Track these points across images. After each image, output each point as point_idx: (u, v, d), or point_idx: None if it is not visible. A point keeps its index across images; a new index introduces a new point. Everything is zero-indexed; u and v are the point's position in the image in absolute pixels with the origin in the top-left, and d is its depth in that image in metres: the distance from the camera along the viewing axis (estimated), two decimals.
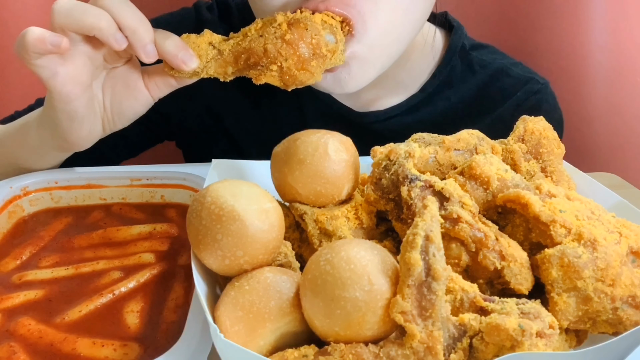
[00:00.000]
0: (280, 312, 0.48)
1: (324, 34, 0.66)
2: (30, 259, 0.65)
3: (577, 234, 0.50)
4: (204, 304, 0.48)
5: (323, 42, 0.65)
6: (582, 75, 1.22)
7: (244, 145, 1.02)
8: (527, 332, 0.43)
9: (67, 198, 0.75)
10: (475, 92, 0.97)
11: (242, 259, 0.50)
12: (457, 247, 0.52)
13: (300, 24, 0.64)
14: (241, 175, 0.72)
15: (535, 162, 0.63)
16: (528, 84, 0.97)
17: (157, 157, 1.19)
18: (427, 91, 0.96)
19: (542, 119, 0.65)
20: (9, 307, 0.58)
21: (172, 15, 1.03)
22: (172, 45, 0.65)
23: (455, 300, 0.48)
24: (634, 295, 0.49)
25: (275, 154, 0.61)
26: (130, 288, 0.61)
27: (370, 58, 0.77)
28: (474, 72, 0.98)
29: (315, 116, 0.97)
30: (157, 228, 0.70)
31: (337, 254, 0.46)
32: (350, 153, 0.60)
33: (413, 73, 0.97)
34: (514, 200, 0.53)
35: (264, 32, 0.65)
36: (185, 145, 1.11)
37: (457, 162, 0.60)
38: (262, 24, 0.66)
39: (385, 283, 0.45)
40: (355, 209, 0.60)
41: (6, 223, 0.71)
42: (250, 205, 0.51)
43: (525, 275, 0.51)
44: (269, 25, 0.65)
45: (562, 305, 0.49)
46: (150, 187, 0.76)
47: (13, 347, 0.53)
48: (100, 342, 0.54)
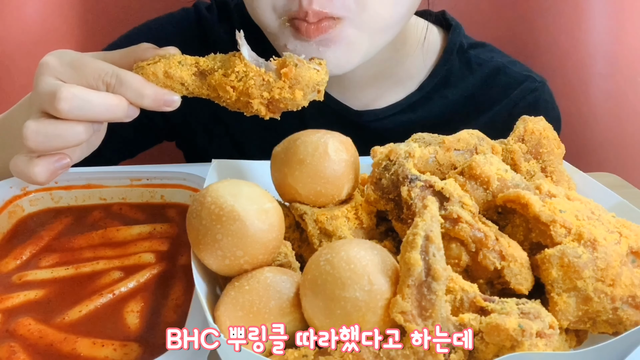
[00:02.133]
0: (280, 312, 0.48)
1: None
2: (30, 259, 0.65)
3: (577, 234, 0.50)
4: (204, 304, 0.48)
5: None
6: (582, 75, 1.22)
7: (244, 144, 1.02)
8: (527, 332, 0.43)
9: (67, 198, 0.75)
10: (473, 90, 0.98)
11: (242, 259, 0.50)
12: (457, 247, 0.52)
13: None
14: (241, 175, 0.72)
15: (535, 162, 0.63)
16: (525, 82, 0.97)
17: (157, 157, 1.19)
18: (425, 89, 0.97)
19: (542, 119, 0.65)
20: (9, 307, 0.58)
21: (173, 16, 1.03)
22: (150, 100, 0.63)
23: (455, 300, 0.48)
24: (634, 295, 0.49)
25: (275, 154, 0.61)
26: (130, 288, 0.61)
27: (357, 41, 0.78)
28: (472, 71, 0.98)
29: (314, 114, 0.97)
30: (157, 228, 0.70)
31: (337, 254, 0.46)
32: (350, 153, 0.60)
33: (411, 72, 0.98)
34: (514, 200, 0.53)
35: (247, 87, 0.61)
36: (186, 145, 1.11)
37: (457, 162, 0.60)
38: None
39: (385, 283, 0.45)
40: (355, 209, 0.60)
41: (6, 223, 0.71)
42: (250, 205, 0.51)
43: (525, 275, 0.51)
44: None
45: (562, 305, 0.49)
46: (150, 187, 0.76)
47: (13, 347, 0.53)
48: (100, 342, 0.54)
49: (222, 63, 0.63)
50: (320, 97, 0.64)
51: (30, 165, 0.62)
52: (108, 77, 0.61)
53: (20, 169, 0.63)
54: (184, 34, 1.00)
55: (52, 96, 0.59)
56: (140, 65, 0.64)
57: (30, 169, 0.62)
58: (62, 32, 1.22)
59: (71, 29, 1.23)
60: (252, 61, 0.61)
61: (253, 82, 0.60)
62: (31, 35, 1.20)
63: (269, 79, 0.61)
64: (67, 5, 1.23)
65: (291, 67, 0.60)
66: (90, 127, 0.62)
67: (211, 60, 0.64)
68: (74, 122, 0.61)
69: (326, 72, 0.63)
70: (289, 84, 0.61)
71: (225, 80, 0.61)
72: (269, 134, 0.94)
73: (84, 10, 1.24)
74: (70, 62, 0.63)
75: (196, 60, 0.64)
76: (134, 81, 0.62)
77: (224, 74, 0.62)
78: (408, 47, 0.96)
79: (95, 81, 0.61)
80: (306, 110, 0.97)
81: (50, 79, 0.62)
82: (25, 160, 0.62)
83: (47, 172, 0.62)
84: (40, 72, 0.63)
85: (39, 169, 0.62)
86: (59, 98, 0.59)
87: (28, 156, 0.63)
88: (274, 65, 0.61)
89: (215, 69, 0.62)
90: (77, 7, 1.24)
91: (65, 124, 0.61)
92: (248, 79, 0.61)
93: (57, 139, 0.61)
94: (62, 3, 1.23)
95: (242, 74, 0.61)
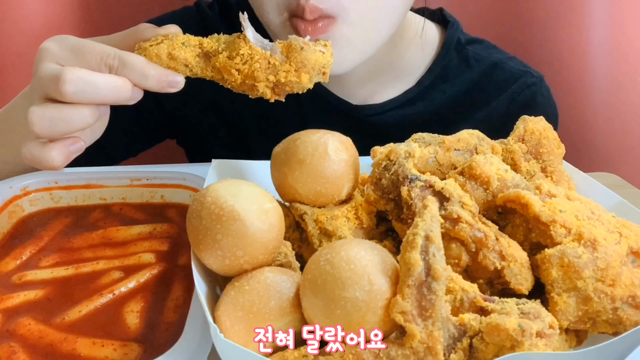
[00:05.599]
0: (280, 312, 0.48)
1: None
2: (30, 259, 0.65)
3: (577, 234, 0.50)
4: (204, 304, 0.48)
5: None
6: (582, 74, 1.23)
7: (245, 139, 1.02)
8: (527, 332, 0.43)
9: (67, 198, 0.75)
10: (470, 85, 0.99)
11: (242, 259, 0.50)
12: (457, 247, 0.52)
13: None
14: (241, 175, 0.72)
15: (535, 162, 0.63)
16: (522, 78, 0.98)
17: (158, 157, 1.19)
18: (423, 85, 0.98)
19: (542, 119, 0.65)
20: (9, 307, 0.58)
21: (175, 14, 1.03)
22: (154, 81, 0.62)
23: (455, 300, 0.48)
24: (634, 295, 0.49)
25: (275, 154, 0.61)
26: (130, 288, 0.61)
27: (352, 39, 0.78)
28: (469, 66, 0.99)
29: (314, 110, 0.98)
30: (157, 228, 0.70)
31: (337, 254, 0.46)
32: (350, 153, 0.60)
33: (409, 67, 0.99)
34: (514, 200, 0.53)
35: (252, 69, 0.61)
36: (187, 142, 1.11)
37: (457, 162, 0.61)
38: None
39: (385, 283, 0.45)
40: (355, 209, 0.60)
41: (6, 223, 0.71)
42: (250, 205, 0.51)
43: (525, 275, 0.51)
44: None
45: (562, 305, 0.49)
46: (150, 187, 0.76)
47: (13, 347, 0.53)
48: (100, 342, 0.54)
49: (226, 45, 0.62)
50: (326, 79, 0.63)
51: (46, 150, 0.61)
52: (110, 59, 0.60)
53: (34, 154, 0.61)
54: (186, 29, 1.00)
55: (56, 80, 0.58)
56: (142, 46, 0.63)
57: (46, 153, 0.61)
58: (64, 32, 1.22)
59: (73, 30, 1.23)
60: (257, 43, 0.61)
61: (258, 66, 0.60)
62: (31, 35, 1.20)
63: (275, 62, 0.60)
64: (69, 6, 1.23)
65: (298, 51, 0.60)
66: (96, 110, 0.61)
67: (215, 41, 0.63)
68: (79, 105, 0.60)
69: (331, 54, 0.63)
70: (295, 67, 0.60)
71: (230, 63, 0.61)
72: (268, 127, 0.95)
73: (85, 11, 1.24)
74: (71, 47, 0.62)
75: (200, 41, 0.63)
76: (137, 62, 0.61)
77: (228, 57, 0.61)
78: (406, 43, 0.96)
79: (98, 64, 0.60)
80: (305, 104, 0.98)
81: (51, 64, 0.61)
82: (38, 146, 0.61)
83: (62, 155, 0.61)
84: (40, 58, 0.62)
85: (55, 153, 0.61)
86: (64, 81, 0.58)
87: (41, 141, 0.61)
88: (279, 48, 0.61)
89: (219, 51, 0.62)
90: (78, 6, 1.24)
91: (71, 107, 0.60)
92: (253, 62, 0.60)
93: (63, 123, 0.60)
94: (63, 3, 1.23)
95: (247, 57, 0.60)
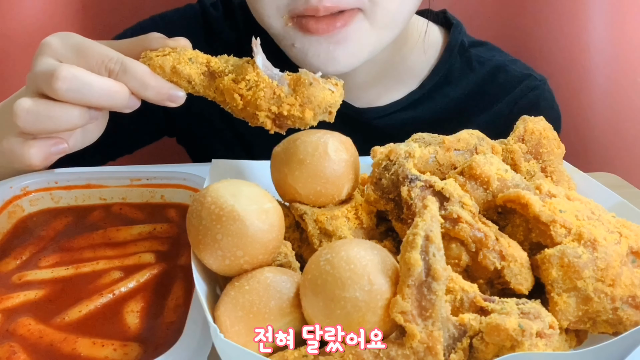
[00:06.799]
0: (280, 312, 0.48)
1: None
2: (30, 259, 0.65)
3: (577, 234, 0.50)
4: (204, 304, 0.48)
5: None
6: (582, 75, 1.22)
7: (246, 137, 1.02)
8: (527, 332, 0.43)
9: (67, 198, 0.75)
10: (473, 88, 0.99)
11: (242, 259, 0.50)
12: (457, 247, 0.52)
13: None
14: (241, 175, 0.72)
15: (535, 162, 0.63)
16: (526, 81, 0.98)
17: (158, 156, 1.19)
18: (427, 87, 0.97)
19: (542, 119, 0.65)
20: (9, 307, 0.58)
21: (178, 11, 1.03)
22: (154, 92, 0.60)
23: (455, 300, 0.48)
24: (634, 295, 0.49)
25: (275, 154, 0.61)
26: (130, 288, 0.61)
27: (369, 36, 0.78)
28: (472, 69, 0.99)
29: None
30: (157, 228, 0.70)
31: (337, 254, 0.46)
32: (350, 153, 0.60)
33: (413, 70, 0.98)
34: (514, 200, 0.53)
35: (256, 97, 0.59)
36: (188, 140, 1.11)
37: (457, 162, 0.61)
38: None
39: (385, 283, 0.45)
40: (355, 209, 0.60)
41: (6, 223, 0.71)
42: (250, 205, 0.51)
43: (525, 275, 0.51)
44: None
45: (562, 305, 0.49)
46: (150, 187, 0.76)
47: (13, 347, 0.53)
48: (100, 342, 0.54)
49: (234, 67, 0.61)
50: (331, 118, 0.61)
51: (25, 147, 0.59)
52: (112, 63, 0.59)
53: (13, 149, 0.59)
54: (189, 27, 1.00)
55: (50, 75, 0.56)
56: (148, 55, 0.61)
57: (25, 150, 0.59)
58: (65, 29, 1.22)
59: (73, 28, 1.23)
60: (266, 71, 0.59)
61: (263, 94, 0.58)
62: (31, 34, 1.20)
63: (280, 93, 0.59)
64: (68, 4, 1.23)
65: (305, 86, 0.58)
66: (86, 112, 0.59)
67: (223, 62, 0.62)
68: (69, 105, 0.58)
69: (341, 94, 0.61)
70: (300, 102, 0.59)
71: (234, 87, 0.59)
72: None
73: (85, 8, 1.24)
74: (74, 45, 0.60)
75: (207, 60, 0.62)
76: (138, 70, 0.59)
77: (233, 80, 0.60)
78: (409, 45, 0.96)
79: (98, 66, 0.59)
80: None
81: (50, 59, 0.60)
82: (19, 142, 0.59)
83: (42, 154, 0.59)
84: (40, 52, 0.61)
85: (34, 151, 0.59)
86: (57, 77, 0.56)
87: (22, 137, 0.59)
88: (287, 80, 0.59)
89: (225, 72, 0.61)
90: (78, 5, 1.24)
91: (60, 105, 0.58)
92: (258, 89, 0.59)
93: (48, 120, 0.58)
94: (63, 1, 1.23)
95: (252, 83, 0.59)
